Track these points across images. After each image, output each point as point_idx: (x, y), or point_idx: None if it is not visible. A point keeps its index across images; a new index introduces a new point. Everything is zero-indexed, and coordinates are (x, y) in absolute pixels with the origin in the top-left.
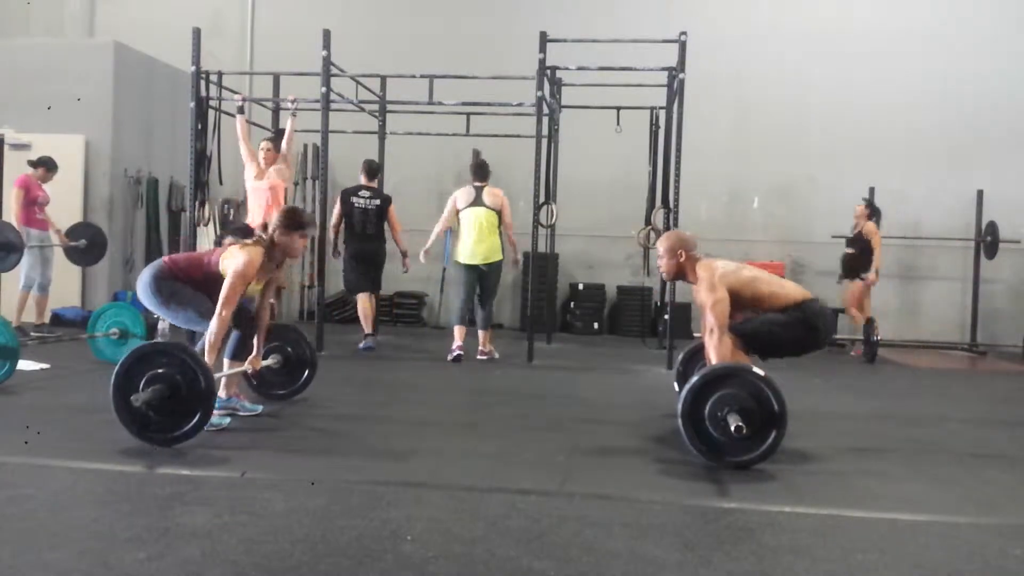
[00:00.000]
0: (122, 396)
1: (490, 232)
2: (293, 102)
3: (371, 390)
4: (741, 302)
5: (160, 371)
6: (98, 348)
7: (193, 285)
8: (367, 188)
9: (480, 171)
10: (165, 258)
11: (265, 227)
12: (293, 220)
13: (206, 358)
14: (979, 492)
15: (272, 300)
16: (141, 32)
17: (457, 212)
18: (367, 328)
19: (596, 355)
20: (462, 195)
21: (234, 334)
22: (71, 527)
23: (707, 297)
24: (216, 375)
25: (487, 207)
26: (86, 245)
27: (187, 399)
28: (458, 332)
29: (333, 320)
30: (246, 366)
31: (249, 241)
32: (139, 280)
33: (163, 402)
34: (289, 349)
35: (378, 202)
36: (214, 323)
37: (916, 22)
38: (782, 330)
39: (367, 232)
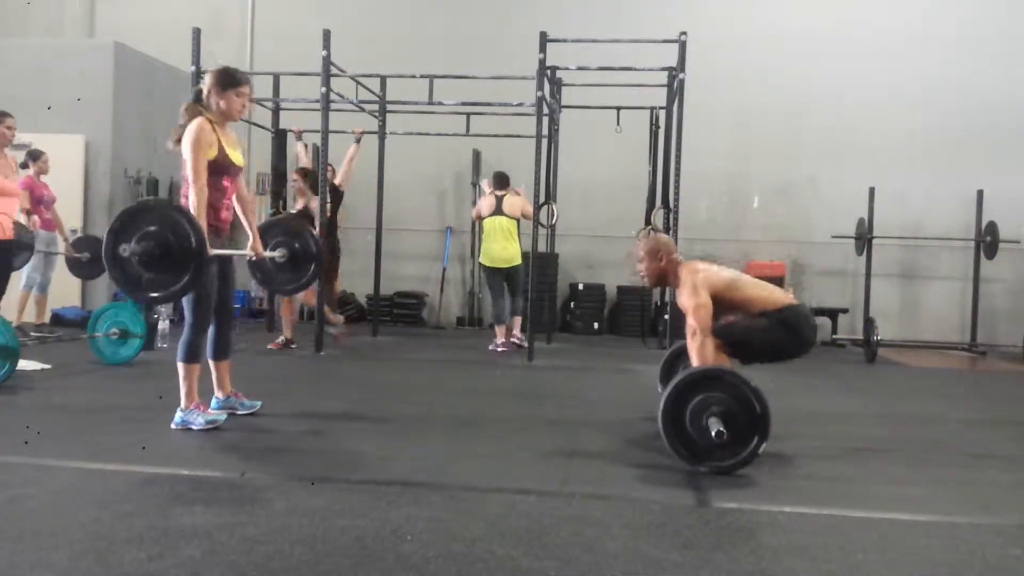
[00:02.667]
0: (115, 252)
1: (511, 238)
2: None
3: (371, 390)
4: (724, 305)
5: (151, 229)
6: (98, 348)
7: None
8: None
9: (500, 180)
10: None
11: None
12: (226, 77)
13: None
14: (979, 492)
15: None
16: (141, 32)
17: (481, 219)
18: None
19: (596, 355)
20: (485, 204)
21: (212, 330)
22: (71, 527)
23: (689, 301)
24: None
25: (507, 215)
26: (89, 258)
27: (178, 257)
28: (499, 331)
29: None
30: (248, 252)
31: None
32: None
33: (153, 259)
34: (295, 244)
35: None
36: (193, 195)
37: (915, 22)
38: (763, 334)
39: None
